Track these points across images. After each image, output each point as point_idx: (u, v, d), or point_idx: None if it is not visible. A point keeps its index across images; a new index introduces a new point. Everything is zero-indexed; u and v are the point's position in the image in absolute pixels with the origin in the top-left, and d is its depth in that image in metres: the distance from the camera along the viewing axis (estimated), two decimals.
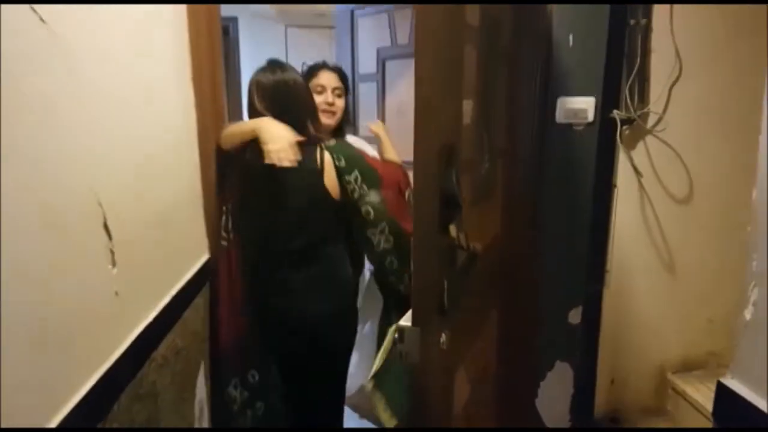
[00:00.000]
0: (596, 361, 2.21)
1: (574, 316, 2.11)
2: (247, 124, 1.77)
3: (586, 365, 2.18)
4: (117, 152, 1.19)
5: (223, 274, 1.79)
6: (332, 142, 1.82)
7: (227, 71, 3.35)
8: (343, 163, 1.75)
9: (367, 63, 2.52)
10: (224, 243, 1.79)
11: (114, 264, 1.16)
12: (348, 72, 2.21)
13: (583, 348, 2.16)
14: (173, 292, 1.50)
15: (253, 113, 1.80)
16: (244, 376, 1.83)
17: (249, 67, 1.94)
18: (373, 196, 1.73)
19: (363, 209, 1.73)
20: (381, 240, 1.73)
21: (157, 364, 1.37)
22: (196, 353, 1.67)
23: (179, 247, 1.58)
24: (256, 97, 1.79)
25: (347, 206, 1.75)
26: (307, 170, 1.73)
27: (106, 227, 1.13)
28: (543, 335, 2.15)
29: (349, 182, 1.74)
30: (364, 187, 1.73)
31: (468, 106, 1.53)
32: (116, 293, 1.16)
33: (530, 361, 2.17)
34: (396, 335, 1.20)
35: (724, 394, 1.28)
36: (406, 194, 1.81)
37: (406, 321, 1.19)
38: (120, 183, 1.20)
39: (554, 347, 2.15)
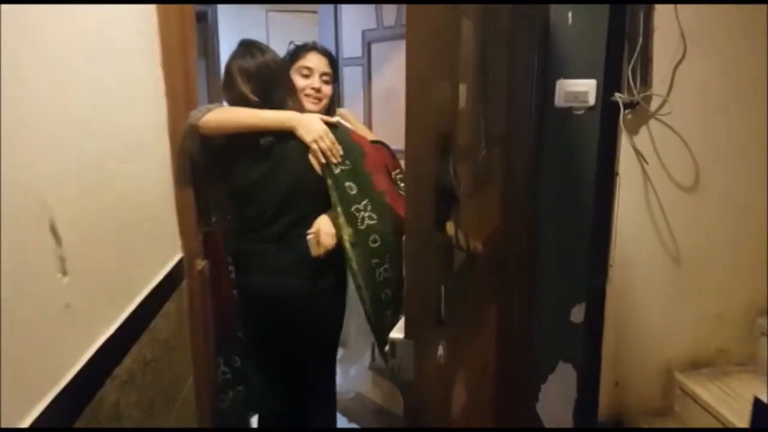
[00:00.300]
0: (600, 361, 2.09)
1: (577, 314, 1.98)
2: (270, 116, 1.71)
3: (589, 366, 2.05)
4: (68, 146, 1.05)
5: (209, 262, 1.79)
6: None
7: (207, 58, 3.19)
8: None
9: (351, 46, 2.37)
10: (208, 229, 1.79)
11: (64, 272, 1.02)
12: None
13: (587, 348, 2.03)
14: (139, 299, 1.36)
15: (238, 99, 1.74)
16: (227, 359, 1.88)
17: (229, 52, 1.81)
18: (358, 172, 1.70)
19: (346, 184, 1.69)
20: (365, 217, 1.68)
21: (120, 381, 1.23)
22: (169, 364, 1.53)
23: (146, 248, 1.45)
24: (239, 82, 1.73)
25: (332, 182, 1.70)
26: (292, 147, 1.71)
27: (53, 230, 0.99)
28: (544, 334, 2.02)
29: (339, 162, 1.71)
30: (347, 162, 1.70)
31: (464, 89, 1.40)
32: (67, 305, 1.03)
33: (531, 363, 2.05)
34: (387, 349, 1.07)
35: (762, 412, 1.15)
36: (393, 175, 1.80)
37: (398, 332, 1.05)
38: (72, 180, 1.06)
39: (556, 347, 2.02)
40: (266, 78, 1.75)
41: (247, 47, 1.79)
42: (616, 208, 2.00)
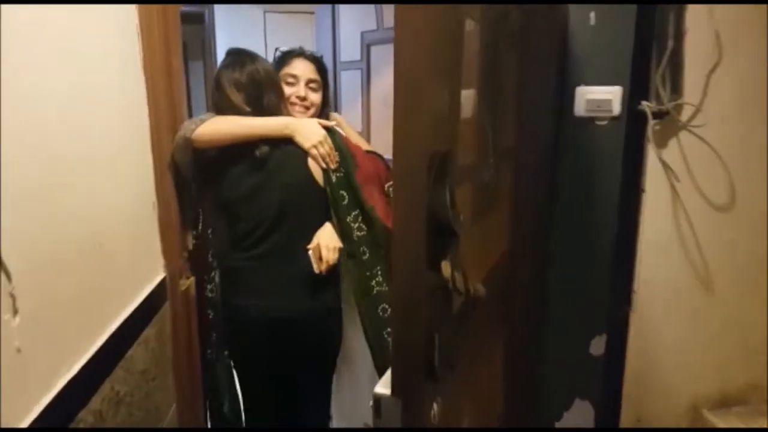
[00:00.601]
0: (620, 397, 1.88)
1: (597, 346, 1.79)
2: (266, 123, 1.64)
3: (609, 402, 1.86)
4: (20, 158, 0.88)
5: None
6: None
7: (204, 60, 3.04)
8: None
9: (349, 49, 2.21)
10: (197, 242, 1.71)
11: (15, 312, 0.87)
12: (328, 59, 1.91)
13: (607, 383, 1.83)
14: (111, 329, 1.20)
15: (230, 109, 1.66)
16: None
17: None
18: (350, 181, 1.65)
19: (340, 192, 1.65)
20: (355, 228, 1.65)
21: (86, 425, 1.08)
22: (147, 396, 1.38)
23: (120, 272, 1.29)
24: (230, 92, 1.67)
25: (329, 191, 1.66)
26: (289, 155, 1.65)
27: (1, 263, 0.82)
28: (559, 370, 1.83)
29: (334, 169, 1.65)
30: (341, 169, 1.65)
31: (469, 96, 1.22)
32: (18, 350, 0.88)
33: (544, 400, 1.85)
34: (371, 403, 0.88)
35: None
36: (386, 187, 1.74)
37: (383, 388, 0.88)
38: (24, 199, 0.90)
39: (572, 382, 1.83)
40: (257, 87, 1.68)
41: (236, 56, 1.71)
42: (641, 229, 1.80)
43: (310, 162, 1.65)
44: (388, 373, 0.93)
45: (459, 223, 0.90)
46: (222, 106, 1.67)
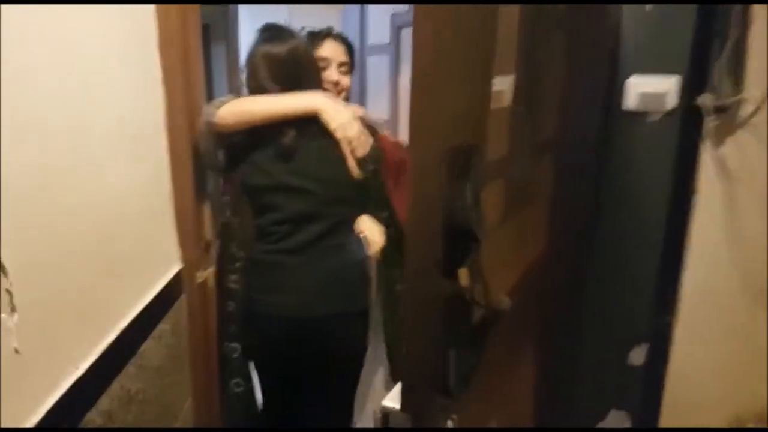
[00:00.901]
0: (659, 409, 1.77)
1: (637, 356, 1.67)
2: (291, 100, 1.52)
3: (647, 414, 1.74)
4: (21, 143, 0.82)
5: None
6: None
7: (227, 43, 2.96)
8: None
9: (378, 32, 2.07)
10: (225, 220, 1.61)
11: (12, 309, 0.81)
12: (356, 43, 1.79)
13: (646, 394, 1.72)
14: (122, 324, 1.14)
15: (260, 88, 1.55)
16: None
17: (248, 37, 1.62)
18: (377, 175, 1.58)
19: (375, 188, 1.58)
20: (383, 223, 1.59)
21: (95, 426, 1.03)
22: (161, 392, 1.33)
23: (132, 265, 1.23)
24: (262, 71, 1.54)
25: (365, 188, 1.58)
26: (328, 147, 1.52)
27: None
28: (595, 378, 1.72)
29: (365, 160, 1.54)
30: (374, 163, 1.56)
31: (505, 83, 1.11)
32: (16, 350, 0.82)
33: (579, 409, 1.75)
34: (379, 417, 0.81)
35: None
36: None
37: (392, 401, 0.82)
38: (22, 191, 0.83)
39: (609, 392, 1.72)
40: (296, 65, 1.56)
41: (274, 31, 1.58)
42: (690, 233, 1.67)
43: (344, 149, 1.53)
44: (398, 387, 0.85)
45: (482, 226, 0.80)
46: (255, 86, 1.56)
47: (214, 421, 1.65)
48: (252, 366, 1.72)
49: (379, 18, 2.09)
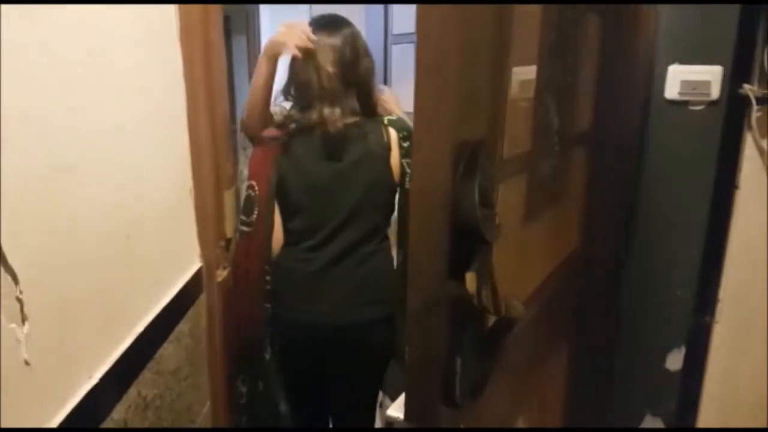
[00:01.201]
0: (697, 416, 1.69)
1: (674, 360, 1.59)
2: (261, 57, 1.49)
3: (684, 421, 1.66)
4: (29, 137, 0.76)
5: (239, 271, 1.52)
6: (392, 116, 1.55)
7: (248, 36, 2.90)
8: (407, 143, 1.48)
9: (403, 20, 2.01)
10: (245, 229, 1.53)
11: (24, 319, 0.76)
12: (379, 32, 1.73)
13: (683, 400, 1.64)
14: (139, 329, 1.08)
15: (313, 80, 1.47)
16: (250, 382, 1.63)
17: (271, 30, 1.58)
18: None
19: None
20: None
21: None
22: (179, 396, 1.28)
23: (150, 265, 1.17)
24: (328, 65, 1.45)
25: (404, 190, 1.51)
26: (375, 146, 1.49)
27: (3, 261, 0.72)
28: (629, 384, 1.64)
29: (409, 164, 1.46)
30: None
31: (527, 74, 1.04)
32: (26, 362, 0.77)
33: (612, 414, 1.67)
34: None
35: None
36: None
37: (397, 411, 0.80)
38: (33, 190, 0.78)
39: (645, 397, 1.65)
40: (354, 53, 1.49)
41: (330, 18, 1.53)
42: (732, 230, 1.58)
43: (392, 158, 1.50)
44: (403, 395, 0.82)
45: (491, 227, 0.74)
46: (305, 79, 1.48)
47: (233, 422, 1.60)
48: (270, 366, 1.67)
49: (405, 6, 2.03)
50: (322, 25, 1.50)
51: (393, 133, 1.51)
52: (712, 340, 1.63)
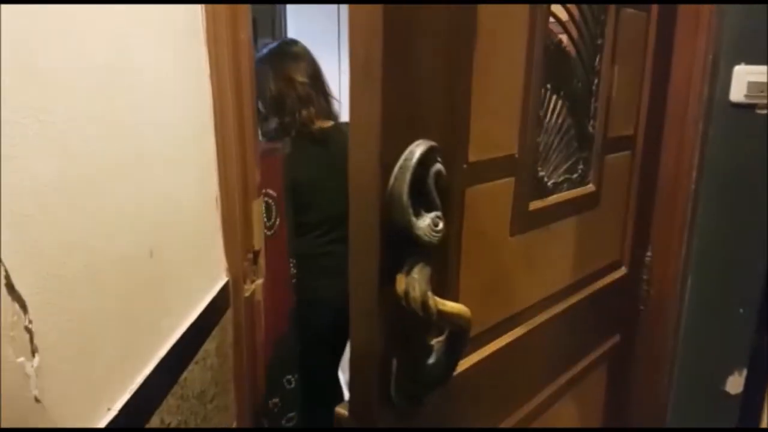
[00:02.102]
0: None
1: (735, 383, 1.47)
2: None
3: None
4: (33, 154, 0.68)
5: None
6: None
7: (273, 38, 2.84)
8: None
9: None
10: (268, 233, 1.55)
11: (34, 351, 0.68)
12: None
13: (742, 425, 1.52)
14: (162, 353, 1.01)
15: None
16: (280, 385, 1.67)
17: (298, 32, 1.65)
18: None
19: None
20: None
21: None
22: (204, 420, 1.21)
23: (175, 283, 1.10)
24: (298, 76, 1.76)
25: None
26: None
27: (10, 287, 0.63)
28: (686, 405, 1.53)
29: None
30: None
31: (512, 76, 0.95)
32: (36, 399, 0.69)
33: None
34: None
35: None
36: None
37: (344, 408, 0.87)
38: (42, 206, 0.70)
39: (701, 422, 1.52)
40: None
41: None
42: None
43: None
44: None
45: (430, 231, 0.72)
46: (278, 92, 1.74)
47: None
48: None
49: None
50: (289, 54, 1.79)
51: None
52: None
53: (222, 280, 1.32)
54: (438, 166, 0.75)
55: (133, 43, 0.91)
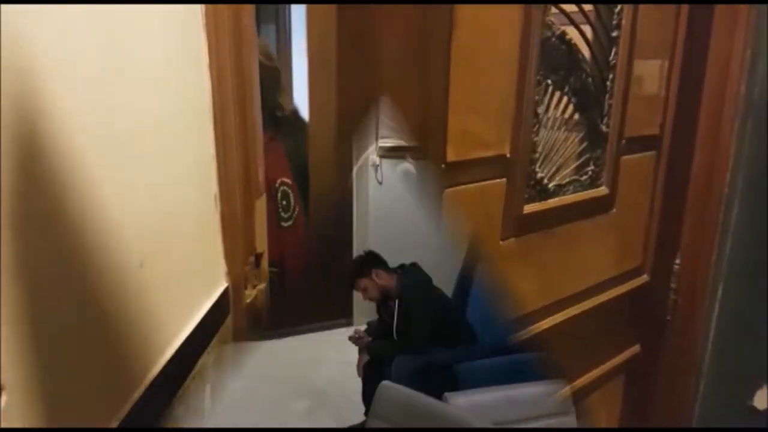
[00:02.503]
0: None
1: (763, 398, 1.40)
2: None
3: None
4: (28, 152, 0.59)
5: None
6: None
7: (277, 23, 2.74)
8: None
9: None
10: (286, 225, 1.53)
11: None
12: None
13: None
14: (152, 375, 0.91)
15: None
16: None
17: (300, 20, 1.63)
18: None
19: None
20: None
21: None
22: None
23: (168, 294, 0.99)
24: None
25: None
26: None
27: None
28: (713, 420, 1.46)
29: None
30: None
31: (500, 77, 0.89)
32: None
33: None
34: None
35: None
36: None
37: None
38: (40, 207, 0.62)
39: None
40: None
41: None
42: None
43: None
44: None
45: None
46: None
47: None
48: None
49: None
50: None
51: None
52: None
53: (221, 287, 1.23)
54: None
55: (129, 34, 0.81)
